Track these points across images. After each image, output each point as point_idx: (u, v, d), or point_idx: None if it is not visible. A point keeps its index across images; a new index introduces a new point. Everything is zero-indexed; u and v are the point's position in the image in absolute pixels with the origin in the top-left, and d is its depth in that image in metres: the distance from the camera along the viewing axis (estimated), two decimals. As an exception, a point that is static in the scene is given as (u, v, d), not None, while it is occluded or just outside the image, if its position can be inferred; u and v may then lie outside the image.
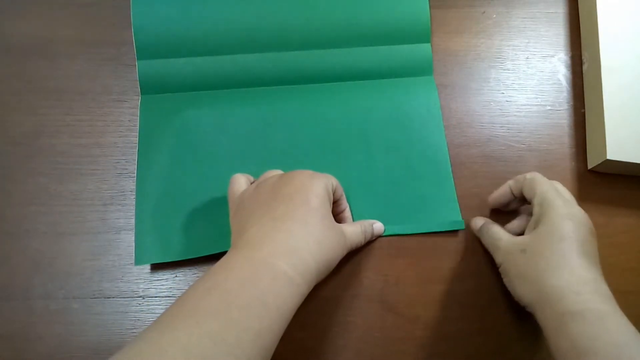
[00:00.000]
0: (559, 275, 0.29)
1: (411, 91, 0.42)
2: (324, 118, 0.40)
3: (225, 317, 0.24)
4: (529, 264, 0.31)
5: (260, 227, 0.29)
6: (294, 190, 0.30)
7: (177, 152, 0.38)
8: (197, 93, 0.40)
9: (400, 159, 0.40)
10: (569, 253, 0.30)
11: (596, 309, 0.27)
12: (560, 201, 0.32)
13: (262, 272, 0.26)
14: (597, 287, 0.29)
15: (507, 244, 0.33)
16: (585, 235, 0.31)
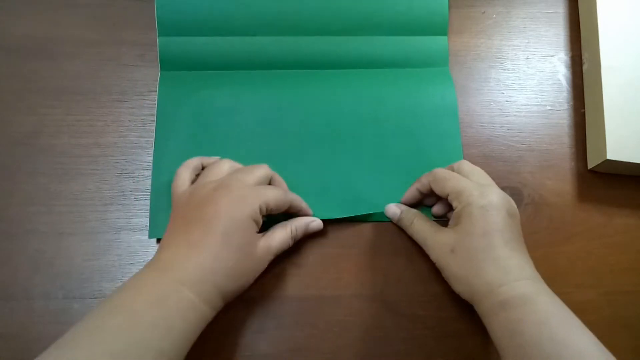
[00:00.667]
0: (486, 271, 0.31)
1: (426, 80, 0.42)
2: (338, 103, 0.41)
3: (128, 337, 0.25)
4: (459, 264, 0.32)
5: (174, 250, 0.30)
6: (215, 214, 0.30)
7: (193, 130, 0.39)
8: (215, 72, 0.41)
9: (413, 147, 0.40)
10: (491, 247, 0.31)
11: (520, 294, 0.29)
12: (475, 192, 0.33)
13: (169, 296, 0.27)
14: (520, 272, 0.31)
15: (437, 243, 0.34)
16: (505, 221, 0.32)
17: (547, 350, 0.27)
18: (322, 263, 0.37)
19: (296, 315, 0.36)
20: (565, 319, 0.29)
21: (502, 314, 0.29)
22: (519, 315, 0.29)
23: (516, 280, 0.30)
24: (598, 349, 0.27)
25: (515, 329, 0.28)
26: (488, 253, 0.31)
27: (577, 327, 0.28)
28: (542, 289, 0.30)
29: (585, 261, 0.39)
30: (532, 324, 0.28)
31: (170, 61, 0.40)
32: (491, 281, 0.30)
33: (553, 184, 0.40)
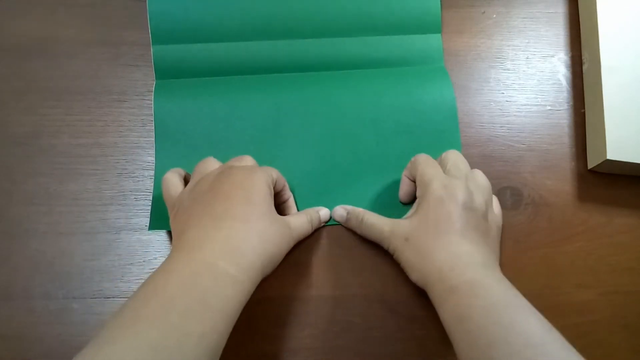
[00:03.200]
0: (437, 257, 0.31)
1: (423, 77, 0.42)
2: (336, 104, 0.41)
3: (165, 323, 0.24)
4: (412, 252, 0.32)
5: (200, 227, 0.29)
6: (233, 187, 0.30)
7: (191, 137, 0.39)
8: (212, 79, 0.41)
9: (412, 143, 0.40)
10: (442, 234, 0.31)
11: (469, 279, 0.29)
12: (437, 183, 0.33)
13: (202, 274, 0.26)
14: (469, 259, 0.30)
15: (392, 233, 0.34)
16: (459, 214, 0.32)
17: (493, 335, 0.26)
18: (322, 263, 0.37)
19: (296, 315, 0.36)
20: (513, 303, 0.28)
21: (451, 300, 0.29)
22: (466, 300, 0.28)
23: (466, 265, 0.30)
24: (548, 333, 0.26)
25: (463, 314, 0.28)
26: (438, 240, 0.31)
27: (525, 310, 0.28)
28: (491, 275, 0.30)
29: (585, 261, 0.39)
30: (479, 309, 0.28)
31: (165, 69, 0.40)
32: (441, 267, 0.30)
33: (553, 184, 0.40)
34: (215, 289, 0.26)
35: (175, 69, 0.40)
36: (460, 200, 0.32)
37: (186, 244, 0.28)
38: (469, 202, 0.32)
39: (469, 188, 0.33)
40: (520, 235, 0.39)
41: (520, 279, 0.38)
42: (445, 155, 0.36)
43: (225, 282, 0.27)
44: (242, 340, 0.35)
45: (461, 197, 0.32)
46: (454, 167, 0.35)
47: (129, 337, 0.23)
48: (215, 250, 0.27)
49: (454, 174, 0.34)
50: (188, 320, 0.24)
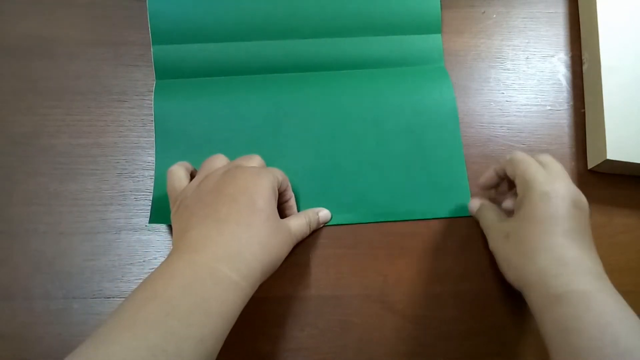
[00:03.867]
0: (538, 258, 0.29)
1: (423, 77, 0.42)
2: (336, 104, 0.41)
3: (164, 327, 0.24)
4: (512, 249, 0.31)
5: (203, 228, 0.29)
6: (238, 190, 0.30)
7: (191, 137, 0.39)
8: (211, 79, 0.41)
9: (413, 143, 0.40)
10: (547, 234, 0.29)
11: (578, 290, 0.27)
12: (541, 178, 0.31)
13: (204, 277, 0.26)
14: (579, 266, 0.28)
15: (495, 230, 0.34)
16: (567, 211, 0.30)
17: (608, 356, 0.24)
18: (322, 263, 0.37)
19: (296, 315, 0.36)
20: (632, 324, 0.26)
21: (557, 309, 0.27)
22: (576, 312, 0.26)
23: (574, 273, 0.28)
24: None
25: (571, 326, 0.26)
26: (543, 240, 0.29)
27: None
28: (604, 287, 0.28)
29: (585, 261, 0.39)
30: (591, 324, 0.25)
31: (165, 69, 0.40)
32: (543, 270, 0.28)
33: (553, 184, 0.40)
34: (216, 293, 0.26)
35: (175, 69, 0.40)
36: (568, 196, 0.30)
37: (188, 244, 0.28)
38: (577, 201, 0.30)
39: (576, 189, 0.31)
40: (520, 235, 0.39)
41: (520, 279, 0.38)
42: (539, 158, 0.34)
43: (226, 287, 0.26)
44: (242, 340, 0.35)
45: (570, 193, 0.30)
46: (553, 167, 0.33)
47: (127, 338, 0.23)
48: (218, 254, 0.27)
49: (555, 174, 0.32)
50: (188, 324, 0.24)
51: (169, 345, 0.23)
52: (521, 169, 0.32)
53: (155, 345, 0.23)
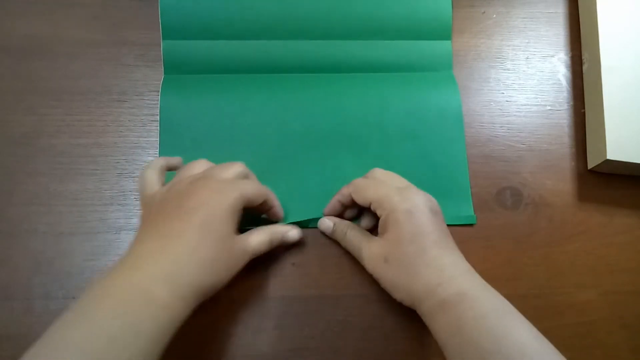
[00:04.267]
0: (422, 274, 0.30)
1: (431, 84, 0.42)
2: (342, 107, 0.41)
3: (92, 349, 0.24)
4: (395, 272, 0.32)
5: (149, 243, 0.29)
6: (194, 206, 0.29)
7: (196, 132, 0.39)
8: (219, 76, 0.41)
9: (417, 149, 0.40)
10: (422, 251, 0.31)
11: (457, 292, 0.29)
12: (397, 197, 0.32)
13: (136, 299, 0.26)
14: (455, 269, 0.30)
15: (370, 254, 0.34)
16: (430, 221, 0.31)
17: (486, 346, 0.26)
18: (322, 263, 0.37)
19: (296, 315, 0.36)
20: (504, 312, 0.28)
21: (442, 314, 0.29)
22: (457, 313, 0.28)
23: (451, 278, 0.30)
24: (539, 342, 0.26)
25: (455, 327, 0.28)
26: (420, 257, 0.31)
27: (517, 320, 0.27)
28: (478, 284, 0.30)
29: (585, 261, 0.39)
30: (470, 320, 0.27)
31: (174, 65, 0.40)
32: (428, 282, 0.30)
33: (553, 184, 0.40)
34: (148, 314, 0.26)
35: (183, 65, 0.40)
36: (426, 206, 0.32)
37: (132, 260, 0.28)
38: (433, 206, 0.32)
39: (426, 195, 0.33)
40: (520, 235, 0.39)
41: (520, 279, 0.38)
42: (373, 174, 0.36)
43: (157, 308, 0.26)
44: (242, 340, 0.35)
45: (424, 204, 0.32)
46: (395, 180, 0.35)
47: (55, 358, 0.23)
48: (155, 273, 0.27)
49: (402, 187, 0.34)
50: (116, 347, 0.24)
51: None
52: (372, 193, 0.33)
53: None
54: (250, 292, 0.36)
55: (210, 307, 0.36)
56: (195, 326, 0.35)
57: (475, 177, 0.40)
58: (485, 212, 0.39)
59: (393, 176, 0.35)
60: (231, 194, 0.31)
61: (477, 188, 0.40)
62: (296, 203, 0.38)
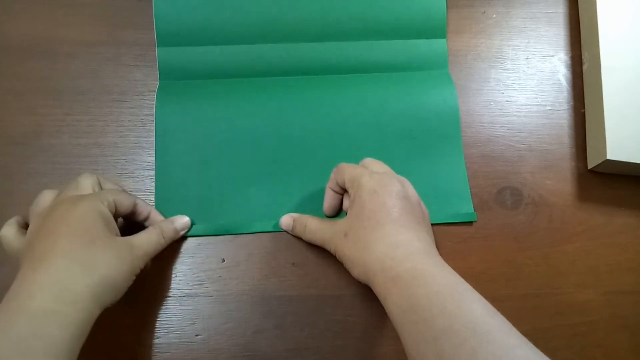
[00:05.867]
0: (375, 249, 0.30)
1: (427, 83, 0.42)
2: (339, 108, 0.41)
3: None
4: (351, 247, 0.32)
5: (21, 274, 0.28)
6: (55, 222, 0.29)
7: (193, 137, 0.39)
8: (215, 81, 0.41)
9: (415, 149, 0.40)
10: (379, 226, 0.31)
11: (410, 268, 0.28)
12: (367, 177, 0.32)
13: (16, 318, 0.25)
14: (409, 247, 0.30)
15: (333, 232, 0.34)
16: (394, 202, 0.31)
17: (437, 323, 0.25)
18: (322, 263, 0.37)
19: (296, 315, 0.36)
20: (457, 289, 0.27)
21: (394, 291, 0.28)
22: (409, 290, 0.27)
23: (406, 254, 0.29)
24: (493, 318, 0.26)
25: (407, 305, 0.27)
26: (377, 231, 0.30)
27: (470, 297, 0.27)
28: (432, 261, 0.29)
29: (585, 261, 0.39)
30: (423, 298, 0.27)
31: (169, 71, 0.40)
32: (382, 258, 0.29)
33: (553, 184, 0.40)
34: (33, 330, 0.25)
35: (179, 71, 0.40)
36: (394, 189, 0.32)
37: (7, 296, 0.27)
38: (402, 191, 0.32)
39: (399, 179, 0.33)
40: (520, 235, 0.39)
41: (520, 279, 0.38)
42: (363, 161, 0.36)
43: (44, 320, 0.25)
44: (242, 340, 0.35)
45: (394, 186, 0.32)
46: (377, 166, 0.35)
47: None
48: (31, 291, 0.26)
49: (380, 171, 0.34)
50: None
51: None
52: (348, 173, 0.34)
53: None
54: (250, 292, 0.36)
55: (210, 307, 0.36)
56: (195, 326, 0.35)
57: (475, 177, 0.40)
58: (485, 212, 0.39)
59: (379, 164, 0.35)
60: (88, 201, 0.30)
61: (477, 188, 0.40)
62: (295, 205, 0.38)
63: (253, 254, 0.37)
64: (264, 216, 0.37)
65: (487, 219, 0.39)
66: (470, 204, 0.39)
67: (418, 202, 0.33)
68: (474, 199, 0.39)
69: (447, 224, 0.38)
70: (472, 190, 0.40)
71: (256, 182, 0.38)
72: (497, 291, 0.37)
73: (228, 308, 0.36)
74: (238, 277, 0.37)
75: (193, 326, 0.35)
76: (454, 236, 0.38)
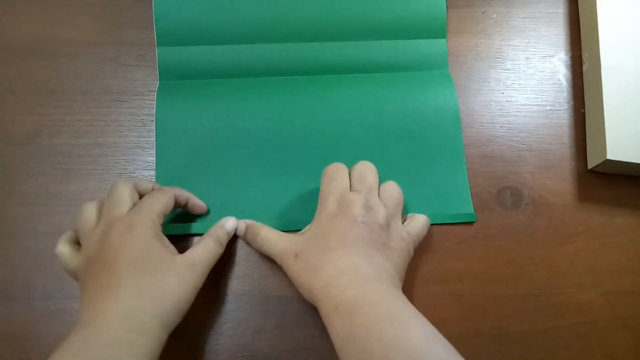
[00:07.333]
0: (321, 274, 0.30)
1: (427, 83, 0.42)
2: (339, 108, 0.41)
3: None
4: (300, 269, 0.31)
5: (90, 302, 0.29)
6: (113, 253, 0.29)
7: (193, 137, 0.39)
8: (215, 81, 0.41)
9: (415, 149, 0.40)
10: (328, 249, 0.30)
11: (351, 296, 0.28)
12: (332, 197, 0.32)
13: (91, 344, 0.26)
14: (354, 273, 0.29)
15: (283, 249, 0.33)
16: (350, 226, 0.30)
17: (375, 352, 0.25)
18: (322, 263, 0.37)
19: (296, 315, 0.36)
20: (398, 316, 0.27)
21: (337, 318, 0.28)
22: (350, 319, 0.27)
23: (350, 280, 0.29)
24: (427, 338, 0.25)
25: (348, 334, 0.27)
26: (326, 254, 0.30)
27: (408, 322, 0.26)
28: (377, 288, 0.28)
29: (585, 261, 0.39)
30: (362, 327, 0.26)
31: (169, 71, 0.40)
32: (327, 283, 0.29)
33: (553, 184, 0.40)
34: (108, 356, 0.26)
35: (179, 71, 0.40)
36: (354, 215, 0.31)
37: (82, 320, 0.28)
38: (362, 216, 0.31)
39: (369, 202, 0.31)
40: (520, 235, 0.39)
41: (520, 279, 0.38)
42: (355, 167, 0.34)
43: (121, 346, 0.26)
44: (242, 340, 0.35)
45: (355, 211, 0.31)
46: (359, 180, 0.33)
47: None
48: (105, 320, 0.27)
49: (357, 188, 0.33)
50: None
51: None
52: (323, 184, 0.33)
53: None
54: (250, 292, 0.36)
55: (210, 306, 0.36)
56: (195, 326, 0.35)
57: (475, 177, 0.40)
58: (485, 212, 0.39)
59: (365, 176, 0.33)
60: (140, 225, 0.30)
61: (477, 188, 0.40)
62: (295, 205, 0.38)
63: (253, 254, 0.37)
64: (264, 216, 0.37)
65: (487, 219, 0.39)
66: (471, 204, 0.39)
67: (382, 226, 0.31)
68: (474, 199, 0.39)
69: (447, 224, 0.38)
70: (472, 190, 0.40)
71: (256, 182, 0.38)
72: (497, 291, 0.37)
73: (228, 308, 0.36)
74: (238, 277, 0.37)
75: (193, 326, 0.35)
76: (454, 236, 0.38)
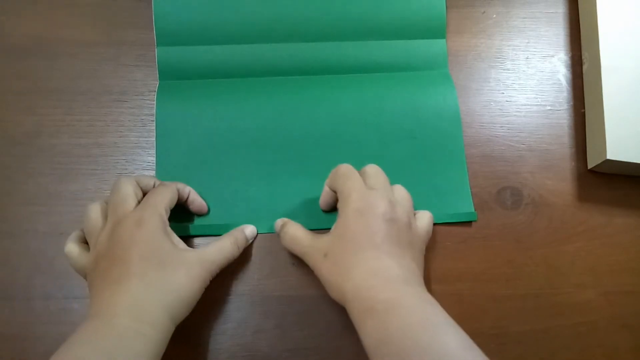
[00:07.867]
0: (352, 275, 0.29)
1: (427, 82, 0.42)
2: (338, 107, 0.41)
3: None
4: (330, 269, 0.31)
5: (101, 295, 0.29)
6: (122, 249, 0.30)
7: (193, 137, 0.39)
8: (215, 81, 0.41)
9: (415, 148, 0.40)
10: (360, 250, 0.30)
11: (385, 299, 0.28)
12: (356, 194, 0.31)
13: (102, 334, 0.27)
14: (387, 275, 0.29)
15: (312, 249, 0.33)
16: (379, 225, 0.30)
17: (411, 357, 0.25)
18: (322, 263, 0.37)
19: (296, 315, 0.36)
20: (433, 321, 0.27)
21: (369, 322, 0.27)
22: (384, 322, 0.27)
23: (384, 283, 0.28)
24: (465, 349, 0.25)
25: (382, 337, 0.26)
26: (356, 255, 0.30)
27: (444, 329, 0.26)
28: (410, 292, 0.28)
29: (585, 261, 0.39)
30: (397, 331, 0.26)
31: (169, 71, 0.40)
32: (359, 285, 0.29)
33: (553, 184, 0.40)
34: (122, 344, 0.26)
35: (179, 71, 0.40)
36: (380, 211, 0.30)
37: (92, 312, 0.29)
38: (389, 213, 0.31)
39: (390, 199, 0.32)
40: (520, 235, 0.39)
41: (520, 279, 0.38)
42: (364, 169, 0.34)
43: (130, 337, 0.27)
44: (242, 340, 0.35)
45: (381, 208, 0.31)
46: (374, 179, 0.33)
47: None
48: (115, 311, 0.28)
49: (374, 186, 0.32)
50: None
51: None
52: (340, 183, 0.33)
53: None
54: (250, 292, 0.36)
55: (210, 306, 0.36)
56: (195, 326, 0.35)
57: (475, 177, 0.40)
58: (485, 212, 0.39)
59: (377, 176, 0.33)
60: (149, 221, 0.31)
61: (477, 188, 0.40)
62: (295, 205, 0.38)
63: (253, 254, 0.37)
64: (264, 216, 0.37)
65: (487, 219, 0.39)
66: (471, 203, 0.39)
67: (407, 224, 0.32)
68: (474, 199, 0.39)
69: (447, 224, 0.38)
70: (472, 190, 0.40)
71: (256, 182, 0.38)
72: (497, 291, 0.37)
73: (228, 308, 0.36)
74: (238, 277, 0.37)
75: (193, 326, 0.35)
76: (454, 236, 0.38)
